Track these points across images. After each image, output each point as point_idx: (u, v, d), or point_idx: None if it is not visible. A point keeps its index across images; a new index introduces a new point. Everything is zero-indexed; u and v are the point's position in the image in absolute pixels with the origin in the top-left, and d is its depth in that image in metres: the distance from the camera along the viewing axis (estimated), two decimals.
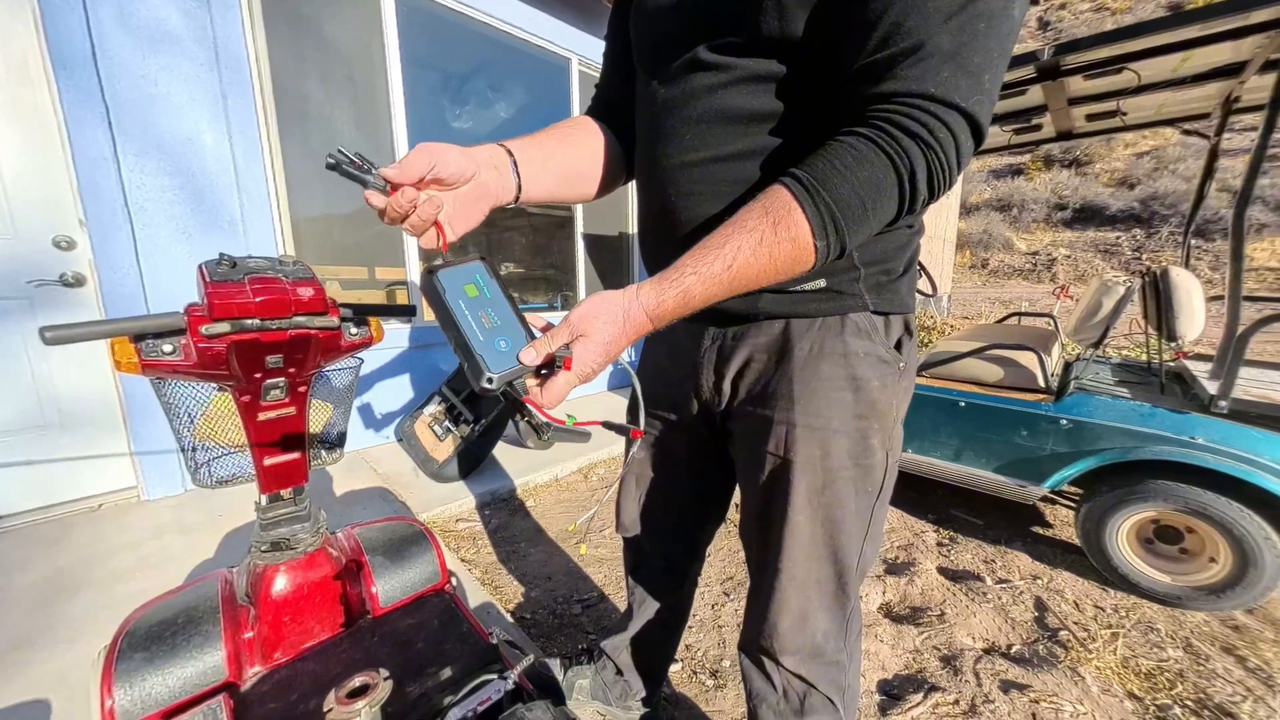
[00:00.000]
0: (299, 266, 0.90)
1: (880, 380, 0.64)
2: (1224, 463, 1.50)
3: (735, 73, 0.58)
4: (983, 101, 0.46)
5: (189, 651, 0.91)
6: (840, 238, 0.48)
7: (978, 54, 0.44)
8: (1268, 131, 1.51)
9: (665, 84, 0.65)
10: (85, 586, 1.51)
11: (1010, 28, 0.46)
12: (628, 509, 0.96)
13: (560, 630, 1.49)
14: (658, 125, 0.66)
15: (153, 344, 0.77)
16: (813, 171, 0.48)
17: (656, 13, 0.64)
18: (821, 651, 0.73)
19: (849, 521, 0.67)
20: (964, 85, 0.44)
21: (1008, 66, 0.47)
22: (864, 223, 0.49)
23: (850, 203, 0.47)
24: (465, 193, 0.62)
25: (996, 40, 0.45)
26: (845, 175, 0.46)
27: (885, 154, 0.46)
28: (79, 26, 1.75)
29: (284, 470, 1.02)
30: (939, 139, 0.45)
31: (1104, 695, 1.28)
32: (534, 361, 0.51)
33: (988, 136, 2.27)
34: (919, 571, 1.79)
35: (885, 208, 0.48)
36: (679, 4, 0.61)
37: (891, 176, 0.47)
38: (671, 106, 0.64)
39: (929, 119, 0.45)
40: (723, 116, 0.60)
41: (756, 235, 0.48)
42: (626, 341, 0.52)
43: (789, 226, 0.47)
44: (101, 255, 1.87)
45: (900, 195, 0.48)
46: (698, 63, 0.60)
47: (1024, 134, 2.45)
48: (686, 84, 0.62)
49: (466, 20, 2.85)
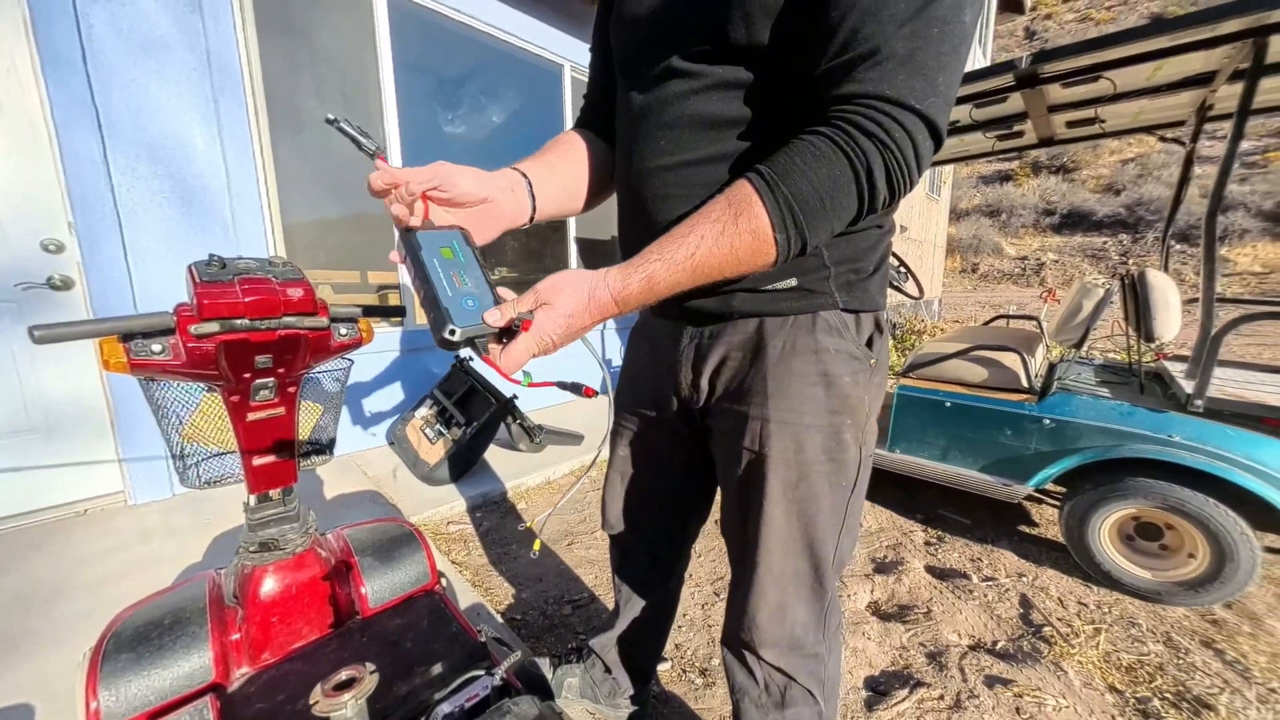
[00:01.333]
0: (289, 267, 0.91)
1: (852, 376, 0.66)
2: (1200, 460, 1.54)
3: (706, 80, 0.60)
4: (937, 103, 0.48)
5: (175, 652, 0.91)
6: (800, 232, 0.50)
7: (931, 58, 0.47)
8: (1236, 138, 1.56)
9: (641, 91, 0.67)
10: (71, 590, 1.50)
11: (962, 33, 0.48)
12: (612, 506, 0.98)
13: (550, 631, 1.49)
14: (634, 130, 0.69)
15: (141, 343, 0.78)
16: (774, 167, 0.50)
17: (633, 22, 0.66)
18: (800, 644, 0.75)
19: (824, 515, 0.68)
20: (919, 87, 0.47)
21: (989, 75, 0.50)
22: (822, 218, 0.50)
23: (808, 197, 0.49)
24: (475, 212, 0.64)
25: (950, 44, 0.47)
26: (805, 171, 0.48)
27: (843, 152, 0.48)
28: (69, 30, 1.75)
29: (272, 471, 1.03)
30: (895, 139, 0.47)
31: (1086, 689, 1.30)
32: (498, 323, 0.51)
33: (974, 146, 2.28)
34: (907, 570, 1.82)
35: (844, 204, 0.50)
36: (653, 15, 0.63)
37: (849, 174, 0.49)
38: (647, 112, 0.66)
39: (885, 119, 0.47)
40: (695, 122, 0.62)
41: (719, 226, 0.50)
42: (589, 319, 0.52)
43: (749, 218, 0.49)
44: (90, 259, 1.87)
45: (859, 192, 0.50)
46: (671, 70, 0.63)
47: (1006, 140, 2.50)
48: (661, 91, 0.64)
49: (459, 26, 2.88)
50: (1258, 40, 1.45)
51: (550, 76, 3.43)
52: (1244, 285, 14.72)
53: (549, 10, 3.21)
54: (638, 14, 0.65)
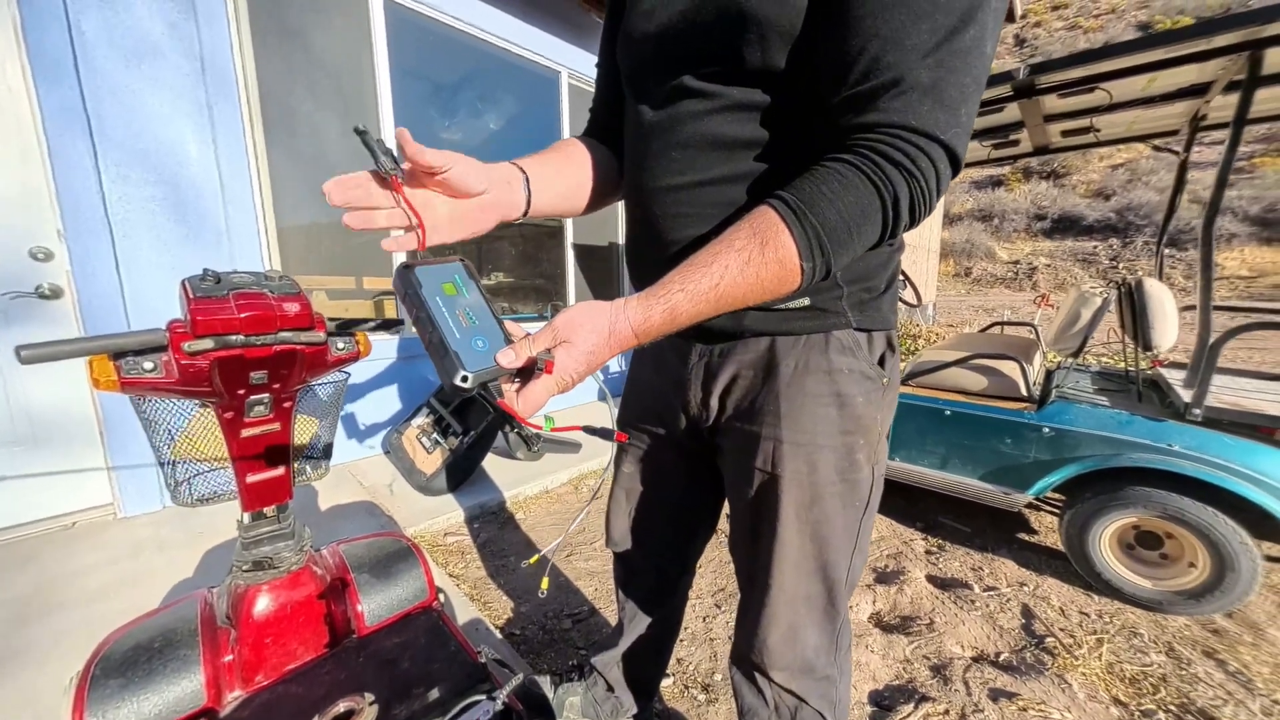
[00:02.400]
0: (285, 281, 0.89)
1: (865, 396, 0.65)
2: (1199, 469, 1.54)
3: (720, 100, 0.59)
4: (959, 134, 0.48)
5: (166, 676, 0.88)
6: (826, 260, 0.49)
7: (953, 89, 0.46)
8: (1232, 148, 1.58)
9: (651, 107, 0.66)
10: (57, 607, 1.46)
11: (984, 64, 0.48)
12: (617, 523, 0.96)
13: (550, 646, 1.47)
14: (644, 148, 0.67)
15: (133, 361, 0.76)
16: (800, 195, 0.48)
17: (643, 39, 0.65)
18: (812, 667, 0.73)
19: (837, 536, 0.67)
20: (943, 119, 0.46)
21: (985, 87, 0.49)
22: (849, 246, 0.49)
23: (836, 226, 0.47)
24: (473, 202, 0.62)
25: (971, 76, 0.47)
26: (832, 200, 0.47)
27: (870, 181, 0.47)
28: (61, 35, 1.73)
29: (267, 488, 1.00)
30: (921, 168, 0.47)
31: (1090, 701, 1.30)
32: (513, 364, 0.48)
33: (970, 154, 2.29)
34: (908, 580, 1.81)
35: (869, 232, 0.49)
36: (664, 33, 0.62)
37: (876, 202, 0.48)
38: (658, 130, 0.65)
39: (912, 149, 0.46)
40: (707, 142, 0.61)
41: (744, 255, 0.48)
42: (609, 354, 0.51)
43: (776, 248, 0.48)
44: (80, 267, 1.84)
45: (884, 221, 0.49)
46: (683, 89, 0.62)
47: (1002, 149, 2.52)
48: (672, 109, 0.63)
49: (456, 33, 2.87)
50: (1253, 53, 1.47)
51: (547, 83, 3.43)
52: (1232, 289, 14.94)
53: (546, 17, 3.21)
54: (648, 31, 0.64)
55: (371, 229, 0.57)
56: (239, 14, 2.12)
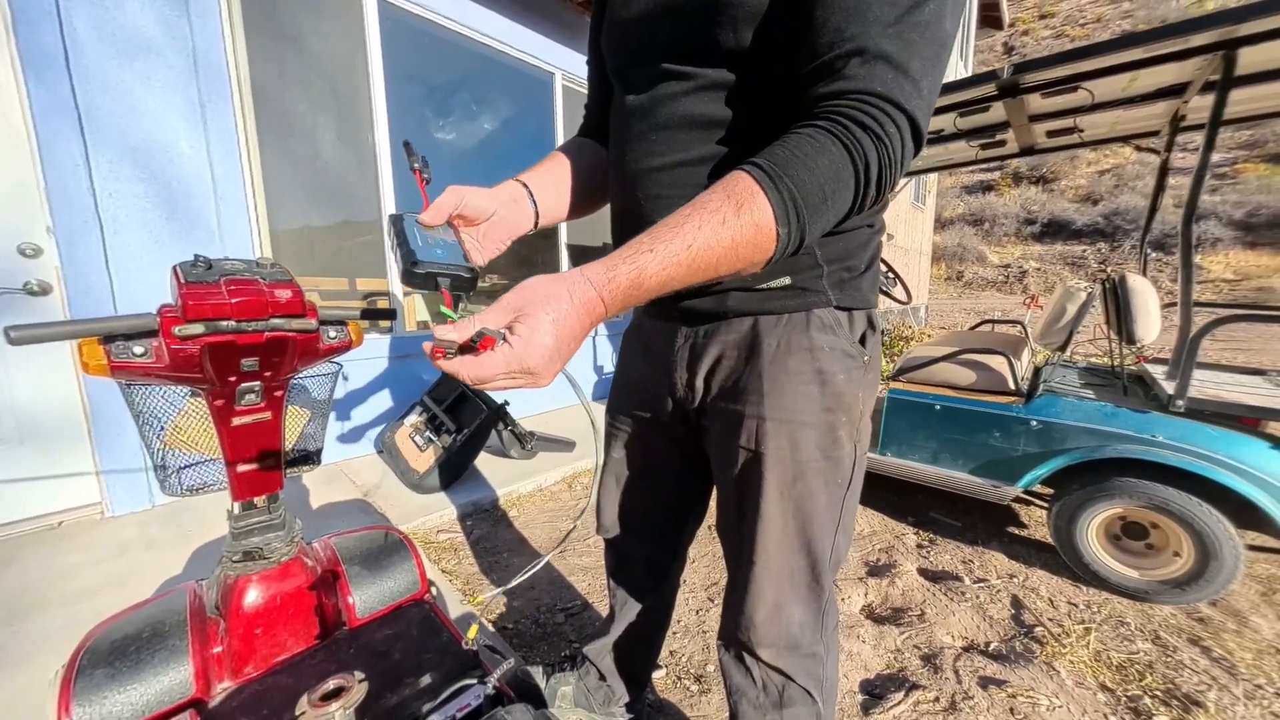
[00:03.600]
0: (277, 269, 0.89)
1: (846, 374, 0.66)
2: (1183, 459, 1.57)
3: (697, 81, 0.61)
4: (921, 106, 0.49)
5: (154, 667, 0.87)
6: (801, 225, 0.48)
7: (915, 61, 0.47)
8: (1209, 147, 1.61)
9: (634, 93, 0.68)
10: (42, 606, 1.44)
11: (943, 37, 0.49)
12: (608, 511, 0.97)
13: (543, 639, 1.47)
14: (626, 131, 0.69)
15: (123, 345, 0.76)
16: (773, 159, 0.48)
17: (624, 26, 0.67)
18: (798, 643, 0.74)
19: (820, 513, 0.68)
20: (907, 88, 0.47)
21: (972, 84, 0.50)
22: (823, 211, 0.49)
23: (810, 189, 0.47)
24: (485, 227, 0.68)
25: (931, 50, 0.48)
26: (806, 163, 0.47)
27: (842, 143, 0.47)
28: (52, 32, 1.73)
29: (258, 477, 1.00)
30: (888, 133, 0.47)
31: (1078, 688, 1.31)
32: (452, 336, 0.45)
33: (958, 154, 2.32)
34: (900, 573, 1.82)
35: (842, 197, 0.49)
36: (643, 20, 0.64)
37: (849, 166, 0.48)
38: (639, 113, 0.67)
39: (879, 114, 0.47)
40: (686, 122, 0.63)
41: (719, 217, 0.46)
42: (578, 322, 0.45)
43: (752, 210, 0.46)
44: (69, 263, 1.83)
45: (856, 185, 0.49)
46: (662, 72, 0.64)
47: (990, 149, 2.56)
48: (652, 92, 0.65)
49: (451, 34, 2.89)
50: (1227, 53, 1.51)
51: (541, 85, 3.46)
52: (1217, 292, 15.18)
53: (540, 19, 3.23)
54: (628, 18, 0.66)
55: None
56: (232, 11, 2.13)
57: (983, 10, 9.34)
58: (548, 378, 0.46)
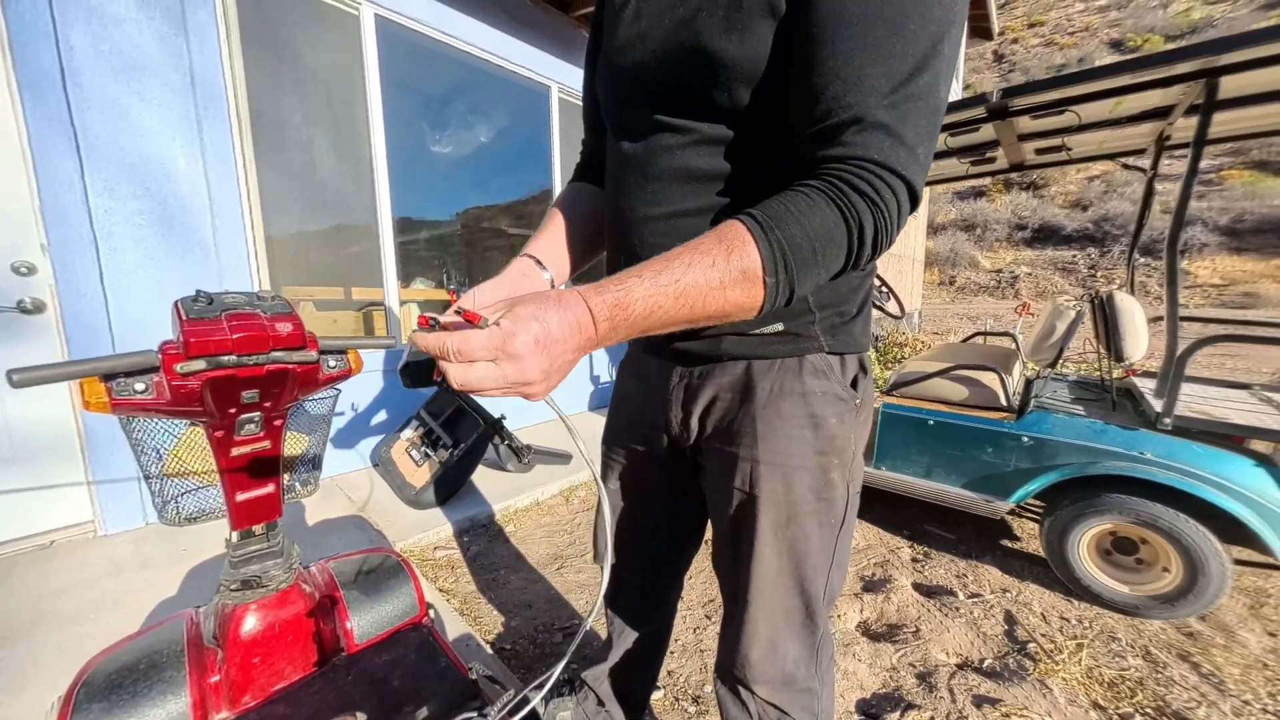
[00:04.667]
0: (278, 302, 0.90)
1: (838, 417, 0.67)
2: (1170, 476, 1.60)
3: (692, 135, 0.62)
4: (918, 171, 0.50)
5: (151, 699, 0.87)
6: (790, 277, 0.49)
7: (910, 129, 0.49)
8: (1193, 169, 1.65)
9: (629, 140, 0.69)
10: (35, 629, 1.43)
11: (937, 106, 0.51)
12: (602, 539, 0.97)
13: (541, 660, 1.47)
14: (622, 179, 0.70)
15: (124, 383, 0.76)
16: (767, 211, 0.50)
17: (620, 72, 0.67)
18: (793, 679, 0.75)
19: (814, 553, 0.69)
20: (903, 155, 0.49)
21: (962, 107, 0.51)
22: (813, 267, 0.50)
23: (801, 245, 0.48)
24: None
25: (926, 118, 0.50)
26: (798, 219, 0.48)
27: (836, 205, 0.49)
28: (49, 51, 1.73)
29: (257, 506, 1.00)
30: (884, 199, 0.49)
31: (1071, 706, 1.33)
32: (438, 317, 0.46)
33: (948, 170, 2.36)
34: (895, 588, 1.83)
35: (834, 256, 0.50)
36: (639, 69, 0.64)
37: (842, 227, 0.49)
38: (634, 163, 0.68)
39: (876, 180, 0.49)
40: (682, 175, 0.64)
41: (709, 259, 0.47)
42: (565, 325, 0.44)
43: (741, 257, 0.48)
44: (64, 281, 1.82)
45: (849, 247, 0.50)
46: (657, 123, 0.64)
47: (980, 165, 2.61)
48: (648, 142, 0.66)
49: (447, 48, 2.90)
50: (1209, 80, 1.55)
51: (538, 97, 3.48)
52: (1205, 297, 15.40)
53: (537, 33, 3.26)
54: (623, 66, 0.66)
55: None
56: (229, 28, 2.13)
57: (972, 21, 9.47)
58: (533, 374, 0.44)
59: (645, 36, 0.63)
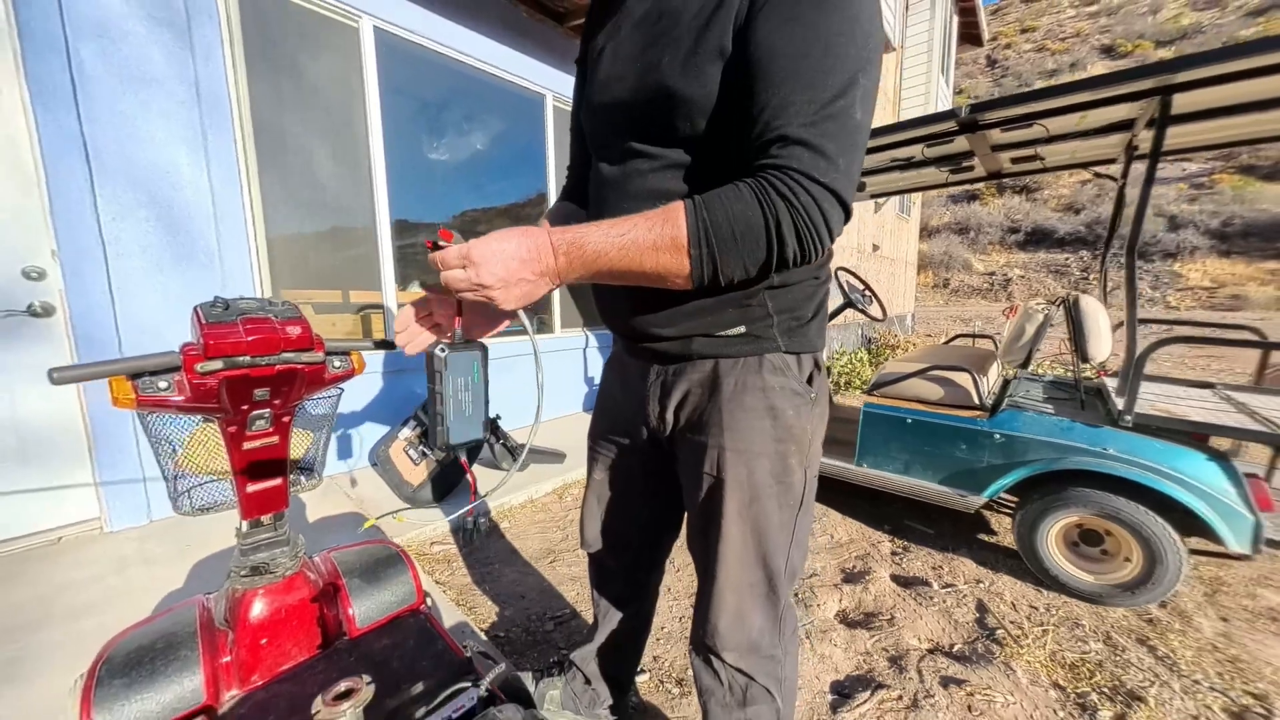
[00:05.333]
0: (288, 306, 0.98)
1: (795, 410, 0.76)
2: (1131, 471, 1.69)
3: (662, 160, 0.72)
4: (840, 179, 0.59)
5: (168, 676, 0.94)
6: (711, 253, 0.59)
7: (830, 143, 0.58)
8: (1149, 180, 1.75)
9: (609, 164, 0.79)
10: (46, 622, 1.49)
11: (855, 125, 0.60)
12: (590, 527, 1.05)
13: (533, 646, 1.54)
14: (603, 199, 0.80)
15: (149, 381, 0.84)
16: (704, 197, 0.61)
17: (601, 110, 0.78)
18: (758, 646, 0.83)
19: (775, 531, 0.77)
20: (822, 165, 0.58)
21: (934, 121, 0.60)
22: (732, 249, 0.59)
23: (721, 225, 0.59)
24: (478, 307, 0.80)
25: (846, 135, 0.59)
26: (724, 205, 0.59)
27: (757, 199, 0.59)
28: (60, 65, 1.80)
29: (266, 497, 1.08)
30: (802, 201, 0.58)
31: (1032, 686, 1.41)
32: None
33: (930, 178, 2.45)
34: (873, 579, 1.92)
35: (754, 243, 0.59)
36: (615, 105, 0.75)
37: (760, 218, 0.59)
38: (613, 184, 0.78)
39: (795, 185, 0.58)
40: (653, 195, 0.73)
41: (650, 223, 0.60)
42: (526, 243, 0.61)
43: (673, 226, 0.60)
44: (73, 285, 1.88)
45: (768, 239, 0.59)
46: (632, 150, 0.74)
47: (959, 174, 2.70)
48: (624, 167, 0.76)
49: (445, 59, 2.99)
50: (1164, 98, 1.65)
51: (533, 105, 3.56)
52: (1196, 299, 15.60)
53: (532, 43, 3.35)
54: (603, 102, 0.77)
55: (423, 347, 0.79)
56: (234, 42, 2.21)
57: (963, 29, 9.64)
58: (489, 279, 0.60)
59: (621, 78, 0.73)
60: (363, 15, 2.60)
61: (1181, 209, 18.40)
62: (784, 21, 0.58)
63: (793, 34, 0.58)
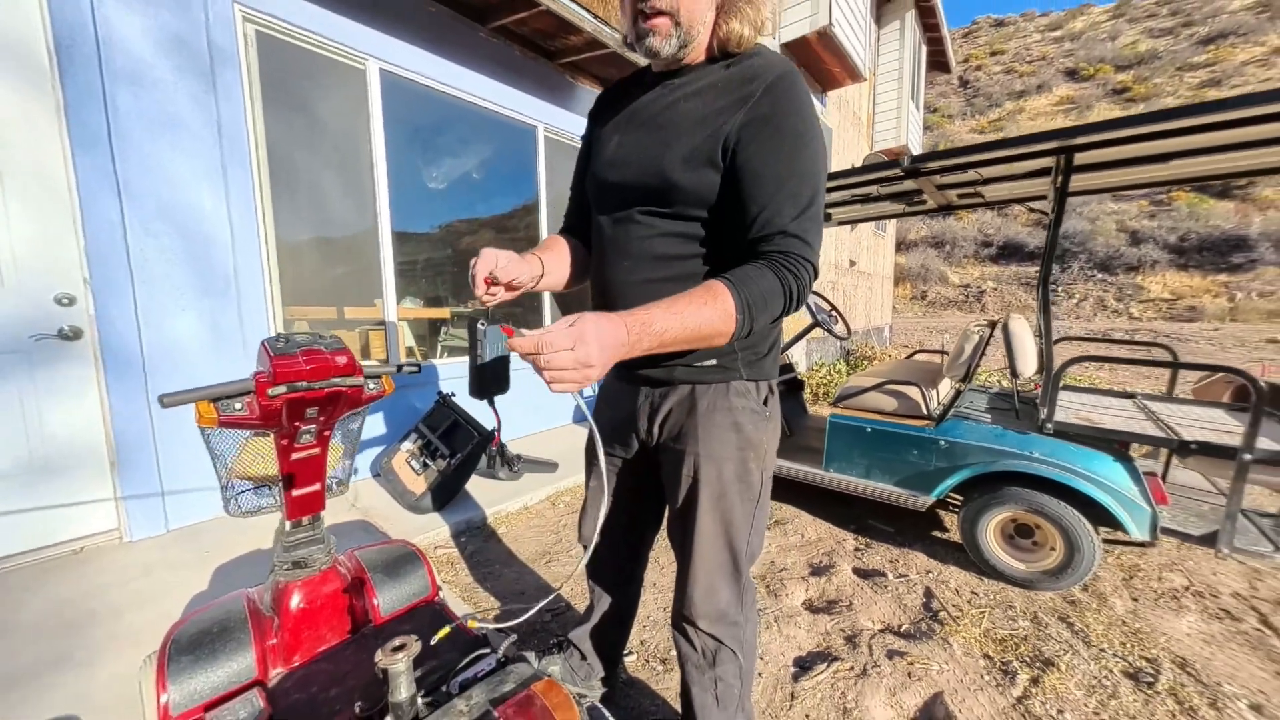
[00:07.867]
0: (333, 339, 1.18)
1: (753, 425, 0.98)
2: (1053, 471, 1.95)
3: (658, 229, 0.93)
4: (814, 255, 0.84)
5: (226, 654, 1.12)
6: (751, 317, 0.78)
7: (810, 234, 0.83)
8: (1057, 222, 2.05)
9: (610, 225, 1.00)
10: (91, 619, 1.63)
11: (819, 217, 0.86)
12: (586, 525, 1.26)
13: (534, 635, 1.73)
14: (604, 254, 1.01)
15: (227, 403, 1.03)
16: (736, 276, 0.79)
17: (606, 182, 0.99)
18: (725, 615, 1.04)
19: (739, 520, 0.99)
20: (807, 250, 0.83)
21: (885, 168, 0.98)
22: (764, 311, 0.79)
23: (757, 297, 0.78)
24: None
25: (817, 226, 0.85)
26: (757, 282, 0.79)
27: (777, 276, 0.81)
28: (97, 112, 1.98)
29: (307, 500, 1.27)
30: (800, 275, 0.82)
31: (965, 657, 1.64)
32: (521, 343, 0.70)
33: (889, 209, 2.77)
34: (836, 572, 2.14)
35: (775, 304, 0.80)
36: (621, 182, 0.95)
37: (779, 287, 0.81)
38: (614, 243, 0.98)
39: (794, 264, 0.81)
40: (650, 256, 0.94)
41: (701, 301, 0.76)
42: (613, 329, 0.68)
43: (724, 302, 0.76)
44: (102, 312, 2.04)
45: (784, 299, 0.82)
46: (632, 218, 0.95)
47: (914, 206, 3.01)
48: (625, 229, 0.97)
49: (444, 95, 3.21)
50: (1066, 155, 1.95)
51: (525, 136, 3.80)
52: (1156, 311, 16.40)
53: (526, 80, 3.60)
54: (610, 179, 0.98)
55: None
56: (253, 85, 2.41)
57: (931, 56, 10.22)
58: (595, 358, 0.65)
59: (627, 162, 0.95)
60: (369, 58, 2.81)
61: (1142, 224, 19.41)
62: (770, 153, 0.83)
63: (778, 162, 0.83)
